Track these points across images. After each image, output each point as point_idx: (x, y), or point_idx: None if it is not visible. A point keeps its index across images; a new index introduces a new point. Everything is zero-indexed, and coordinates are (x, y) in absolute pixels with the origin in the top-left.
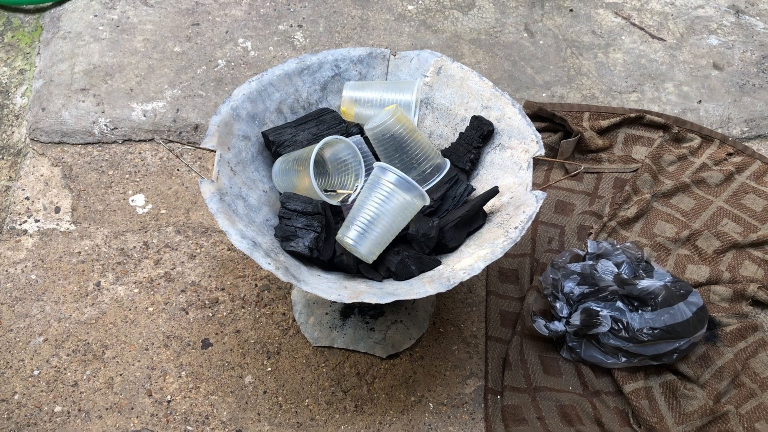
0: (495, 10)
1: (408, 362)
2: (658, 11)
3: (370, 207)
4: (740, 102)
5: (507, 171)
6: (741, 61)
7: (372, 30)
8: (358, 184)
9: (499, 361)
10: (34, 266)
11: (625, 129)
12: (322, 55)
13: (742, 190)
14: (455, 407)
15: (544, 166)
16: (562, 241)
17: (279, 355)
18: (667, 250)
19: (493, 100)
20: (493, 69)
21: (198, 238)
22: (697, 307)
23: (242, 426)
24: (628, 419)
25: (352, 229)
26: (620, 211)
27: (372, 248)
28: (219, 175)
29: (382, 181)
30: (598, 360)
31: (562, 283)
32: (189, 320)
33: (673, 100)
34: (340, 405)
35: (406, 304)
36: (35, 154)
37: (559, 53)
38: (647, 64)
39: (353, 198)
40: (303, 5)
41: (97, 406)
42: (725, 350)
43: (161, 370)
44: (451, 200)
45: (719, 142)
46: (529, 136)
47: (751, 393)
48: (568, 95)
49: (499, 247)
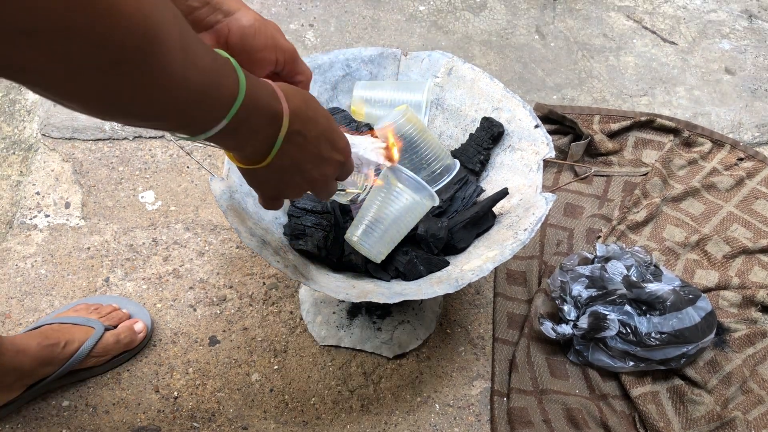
0: (506, 12)
1: (415, 363)
2: (670, 15)
3: (379, 207)
4: (752, 107)
5: (517, 173)
6: (753, 65)
7: (383, 30)
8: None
9: (506, 363)
10: (44, 261)
11: (636, 132)
12: (333, 55)
13: (752, 195)
14: (461, 408)
15: (554, 169)
16: (570, 243)
17: (286, 354)
18: (676, 254)
19: (504, 101)
20: (503, 70)
21: (207, 235)
22: (705, 312)
23: (248, 423)
24: (635, 423)
25: (360, 228)
26: (629, 215)
27: (380, 247)
28: (229, 173)
29: (392, 181)
30: (606, 364)
31: (570, 286)
32: (197, 317)
33: (684, 104)
34: (346, 404)
35: (414, 305)
36: (46, 149)
37: (570, 56)
38: (659, 67)
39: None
40: (314, 5)
41: (104, 401)
42: (733, 356)
43: (168, 366)
44: (461, 201)
45: (730, 146)
46: (540, 138)
47: (759, 399)
48: (579, 98)
49: (507, 248)
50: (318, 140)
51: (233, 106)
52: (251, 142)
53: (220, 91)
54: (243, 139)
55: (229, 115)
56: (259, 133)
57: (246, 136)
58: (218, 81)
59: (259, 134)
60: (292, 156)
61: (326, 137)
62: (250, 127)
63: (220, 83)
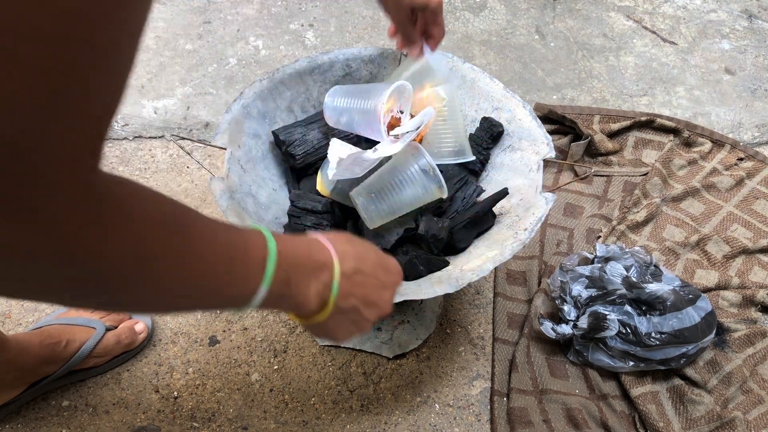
0: (506, 12)
1: (414, 363)
2: (670, 15)
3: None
4: (752, 107)
5: (517, 173)
6: (753, 65)
7: (383, 30)
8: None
9: (506, 363)
10: None
11: (636, 132)
12: (333, 55)
13: (752, 195)
14: (461, 408)
15: (554, 169)
16: (570, 243)
17: (286, 354)
18: (676, 254)
19: (504, 101)
20: (503, 70)
21: None
22: (705, 312)
23: (248, 423)
24: (635, 423)
25: (365, 192)
26: (629, 215)
27: (375, 216)
28: (229, 173)
29: (411, 161)
30: (605, 364)
31: (570, 286)
32: (196, 317)
33: (684, 104)
34: (346, 404)
35: (414, 305)
36: None
37: (570, 56)
38: (659, 67)
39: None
40: (314, 5)
41: (104, 401)
42: (733, 356)
43: (168, 366)
44: (461, 201)
45: (730, 146)
46: (540, 138)
47: (759, 399)
48: (579, 98)
49: (507, 248)
50: (375, 270)
51: (265, 274)
52: (307, 293)
53: (247, 264)
54: (299, 294)
55: (266, 281)
56: (311, 282)
57: (299, 290)
58: (243, 256)
59: (312, 284)
60: (354, 293)
61: (381, 265)
62: (299, 281)
63: (246, 257)
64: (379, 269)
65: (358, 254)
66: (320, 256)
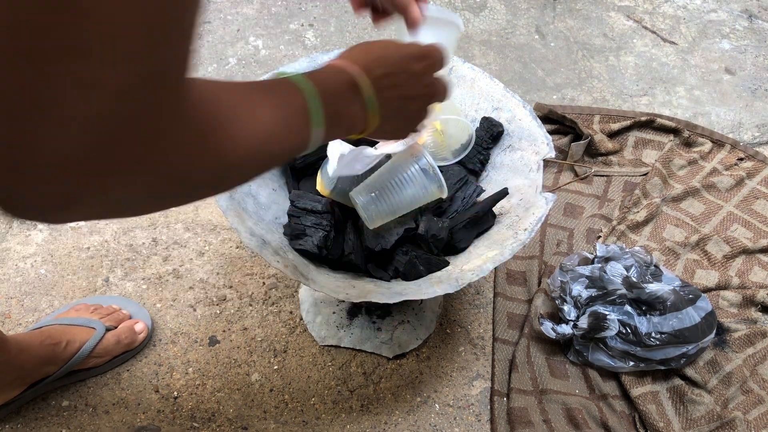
0: (506, 12)
1: (414, 363)
2: (670, 15)
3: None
4: (752, 107)
5: (517, 173)
6: (753, 65)
7: (383, 30)
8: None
9: (506, 363)
10: (44, 261)
11: (636, 132)
12: (333, 55)
13: (752, 195)
14: (461, 408)
15: (554, 169)
16: (570, 243)
17: (286, 354)
18: (676, 254)
19: (504, 101)
20: (503, 70)
21: (207, 235)
22: (705, 312)
23: (248, 423)
24: (635, 423)
25: (366, 192)
26: (629, 215)
27: (375, 216)
28: None
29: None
30: (606, 364)
31: (570, 286)
32: (197, 317)
33: (684, 104)
34: (346, 404)
35: (414, 305)
36: None
37: (570, 55)
38: (659, 67)
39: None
40: (314, 4)
41: (104, 401)
42: (734, 356)
43: (168, 366)
44: (461, 201)
45: (730, 146)
46: (540, 138)
47: (759, 399)
48: (579, 98)
49: (507, 248)
50: (403, 65)
51: (313, 116)
52: (351, 115)
53: (296, 112)
54: (346, 120)
55: (316, 122)
56: (350, 105)
57: (344, 117)
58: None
59: (351, 106)
60: (390, 97)
61: (407, 56)
62: (341, 110)
63: (295, 108)
64: (406, 61)
65: (379, 58)
66: (345, 78)
